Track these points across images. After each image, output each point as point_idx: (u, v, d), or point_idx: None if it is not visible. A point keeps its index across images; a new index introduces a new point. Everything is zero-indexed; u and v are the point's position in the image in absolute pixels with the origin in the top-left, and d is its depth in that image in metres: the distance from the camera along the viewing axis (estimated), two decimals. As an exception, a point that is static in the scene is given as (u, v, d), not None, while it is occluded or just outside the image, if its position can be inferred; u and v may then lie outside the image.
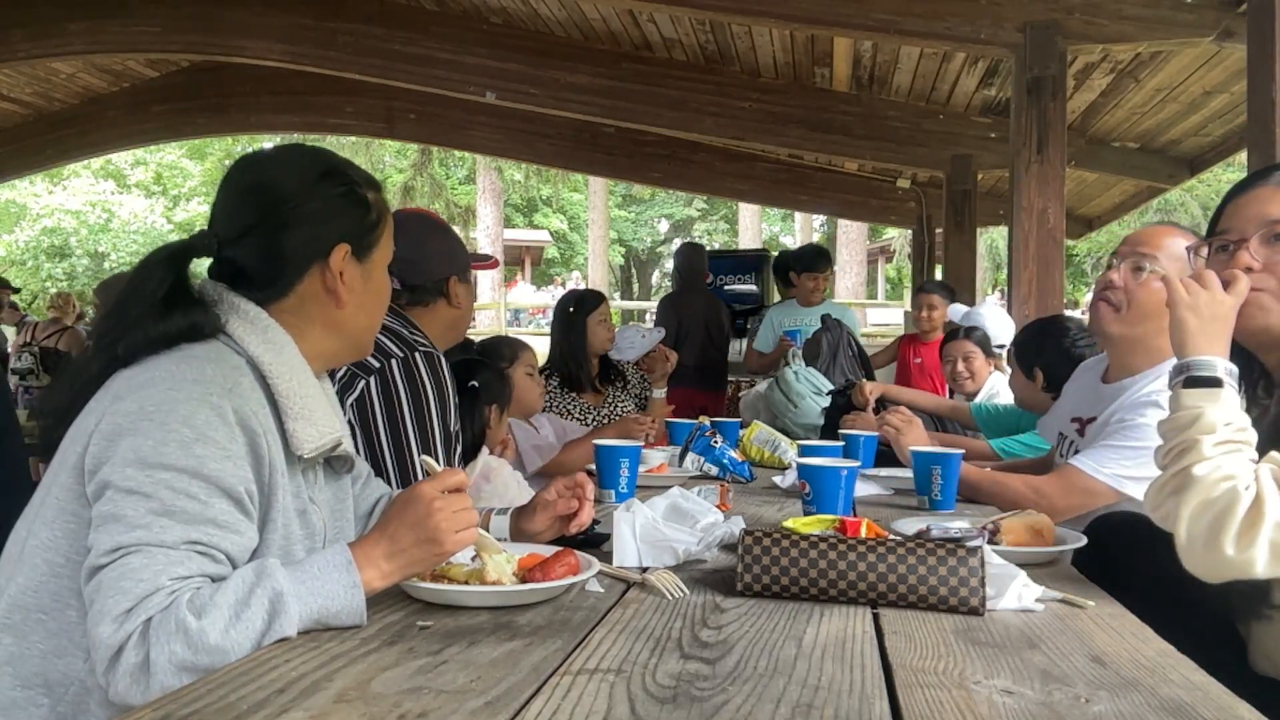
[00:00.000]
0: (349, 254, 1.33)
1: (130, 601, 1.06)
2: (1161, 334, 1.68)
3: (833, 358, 4.41)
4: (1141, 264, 2.03)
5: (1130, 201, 7.86)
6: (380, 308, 1.43)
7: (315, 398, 1.28)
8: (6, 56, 6.29)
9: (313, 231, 1.32)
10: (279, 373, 1.25)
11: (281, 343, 1.28)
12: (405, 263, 2.11)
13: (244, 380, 1.21)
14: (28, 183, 19.39)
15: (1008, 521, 1.63)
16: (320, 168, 1.37)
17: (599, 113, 6.56)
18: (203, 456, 1.13)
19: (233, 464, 1.15)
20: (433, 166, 20.03)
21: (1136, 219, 17.88)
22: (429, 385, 2.00)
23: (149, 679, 1.03)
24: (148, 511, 1.10)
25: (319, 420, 1.27)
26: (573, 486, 1.57)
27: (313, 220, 1.32)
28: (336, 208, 1.34)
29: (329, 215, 1.33)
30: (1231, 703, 0.96)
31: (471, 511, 1.22)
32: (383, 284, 1.42)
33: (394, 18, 6.16)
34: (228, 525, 1.14)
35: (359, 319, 1.38)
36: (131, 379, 1.19)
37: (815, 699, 0.92)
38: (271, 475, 1.21)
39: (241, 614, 1.06)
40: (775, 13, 4.57)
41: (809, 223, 22.98)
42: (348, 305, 1.34)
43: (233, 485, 1.15)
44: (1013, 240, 4.17)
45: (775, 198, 9.40)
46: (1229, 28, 3.75)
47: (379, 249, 1.39)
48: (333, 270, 1.32)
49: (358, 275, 1.35)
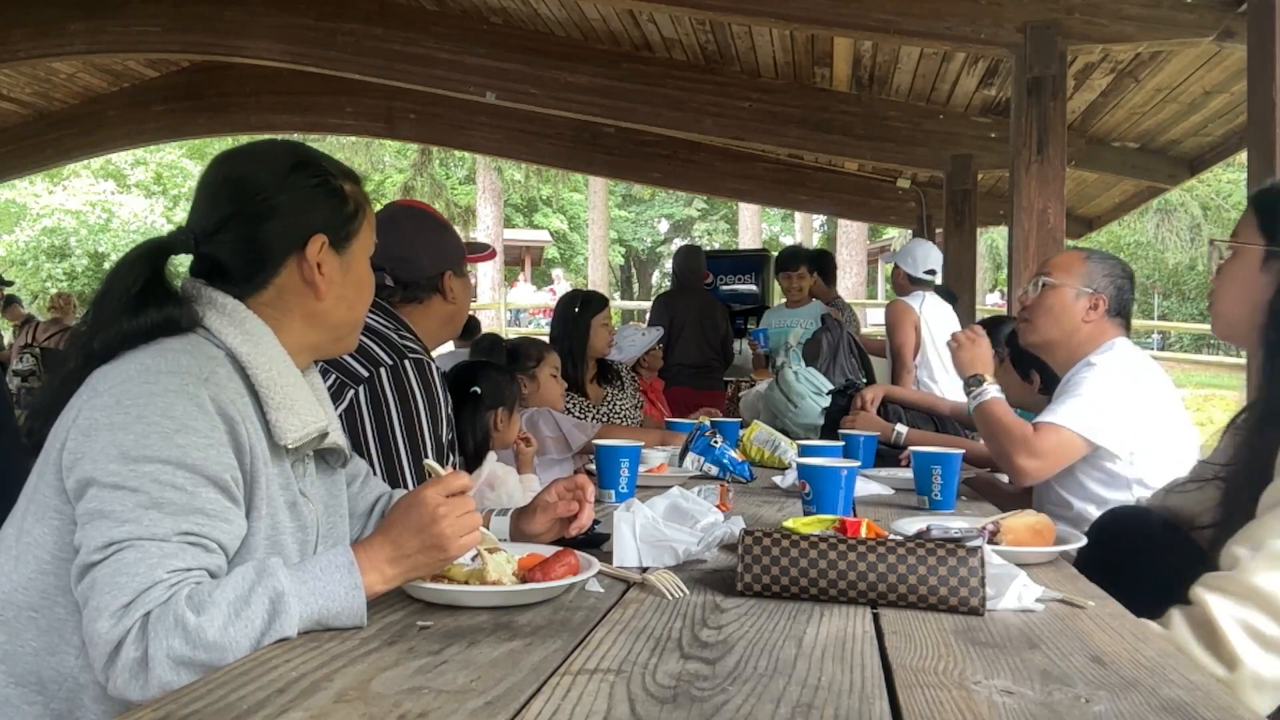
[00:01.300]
0: (326, 245, 1.33)
1: (128, 596, 1.05)
2: (1072, 332, 2.34)
3: (833, 358, 4.41)
4: (1038, 282, 2.42)
5: (1130, 201, 7.86)
6: (362, 299, 1.41)
7: (297, 388, 1.28)
8: (6, 56, 6.28)
9: (287, 223, 1.31)
10: (258, 363, 1.24)
11: (260, 334, 1.27)
12: (398, 260, 2.11)
13: (220, 370, 1.21)
14: (28, 183, 19.36)
15: (1008, 521, 1.63)
16: (292, 160, 1.36)
17: (599, 113, 6.56)
18: (185, 446, 1.13)
19: (216, 452, 1.15)
20: (433, 166, 20.02)
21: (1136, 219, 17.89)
22: (419, 394, 1.98)
23: (148, 674, 1.03)
24: (136, 505, 1.10)
25: (301, 410, 1.27)
26: (573, 489, 1.56)
27: (286, 212, 1.32)
28: (310, 199, 1.34)
29: (303, 207, 1.33)
30: (1231, 703, 0.96)
31: (475, 515, 1.21)
32: (364, 275, 1.40)
33: (394, 18, 6.16)
34: (216, 514, 1.14)
35: (340, 311, 1.36)
36: (107, 374, 1.19)
37: (815, 699, 0.92)
38: (254, 463, 1.20)
39: (241, 611, 1.05)
40: (775, 13, 4.56)
41: (809, 223, 22.96)
42: (327, 297, 1.33)
43: (218, 473, 1.15)
44: (1013, 240, 4.17)
45: (775, 198, 9.40)
46: (1229, 28, 3.75)
47: (358, 240, 1.38)
48: (310, 262, 1.31)
49: (336, 267, 1.34)
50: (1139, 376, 2.26)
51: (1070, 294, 2.36)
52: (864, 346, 4.69)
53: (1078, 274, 2.37)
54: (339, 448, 1.39)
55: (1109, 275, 2.37)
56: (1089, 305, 2.35)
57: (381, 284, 2.10)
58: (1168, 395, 2.29)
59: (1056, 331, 2.39)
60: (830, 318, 4.65)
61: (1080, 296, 2.35)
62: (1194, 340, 19.76)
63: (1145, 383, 2.26)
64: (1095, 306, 2.35)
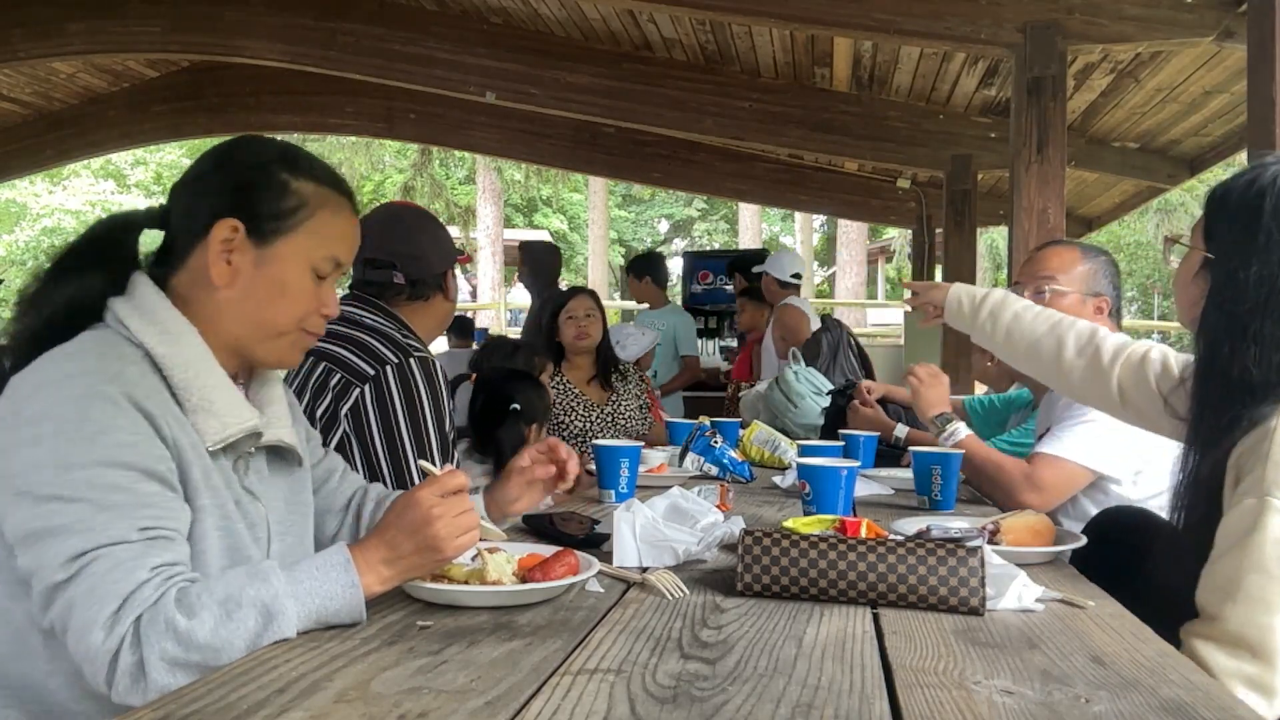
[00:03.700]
0: (242, 234, 1.26)
1: (114, 604, 1.04)
2: None
3: (833, 358, 4.41)
4: (1042, 288, 2.27)
5: (1130, 201, 7.85)
6: (277, 305, 1.29)
7: (218, 389, 1.23)
8: (6, 56, 6.27)
9: (210, 202, 1.27)
10: (173, 363, 1.21)
11: (178, 331, 1.23)
12: (407, 257, 2.12)
13: (130, 369, 1.17)
14: (28, 183, 19.34)
15: (1008, 521, 1.63)
16: (253, 146, 1.34)
17: (599, 113, 6.56)
18: (111, 446, 1.10)
19: (144, 445, 1.13)
20: (433, 166, 20.01)
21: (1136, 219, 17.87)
22: (424, 392, 1.99)
23: (146, 679, 1.03)
24: (83, 514, 1.07)
25: (221, 411, 1.22)
26: (546, 450, 1.53)
27: (212, 191, 1.29)
28: (240, 182, 1.29)
29: (228, 187, 1.28)
30: (1231, 703, 0.96)
31: (472, 514, 1.20)
32: (289, 279, 1.29)
33: (394, 18, 6.16)
34: (164, 504, 1.13)
35: (246, 308, 1.27)
36: (18, 388, 1.16)
37: (815, 699, 0.92)
38: (182, 455, 1.18)
39: (233, 613, 1.05)
40: (775, 13, 4.56)
41: (809, 223, 22.96)
42: (229, 288, 1.26)
43: (152, 465, 1.13)
44: (1013, 240, 4.17)
45: (775, 198, 9.38)
46: (1229, 28, 3.75)
47: (289, 241, 1.29)
48: (213, 243, 1.25)
49: (249, 259, 1.27)
50: None
51: (1076, 300, 2.26)
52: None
53: (1079, 276, 2.28)
54: (288, 446, 1.35)
55: (1108, 275, 2.30)
56: (1094, 310, 2.25)
57: (390, 282, 2.12)
58: None
59: None
60: (829, 318, 4.65)
61: (1085, 301, 2.26)
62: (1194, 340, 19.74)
63: None
64: (1101, 310, 2.26)
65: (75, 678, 1.12)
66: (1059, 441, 2.14)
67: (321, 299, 1.33)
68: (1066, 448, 2.12)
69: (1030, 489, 2.11)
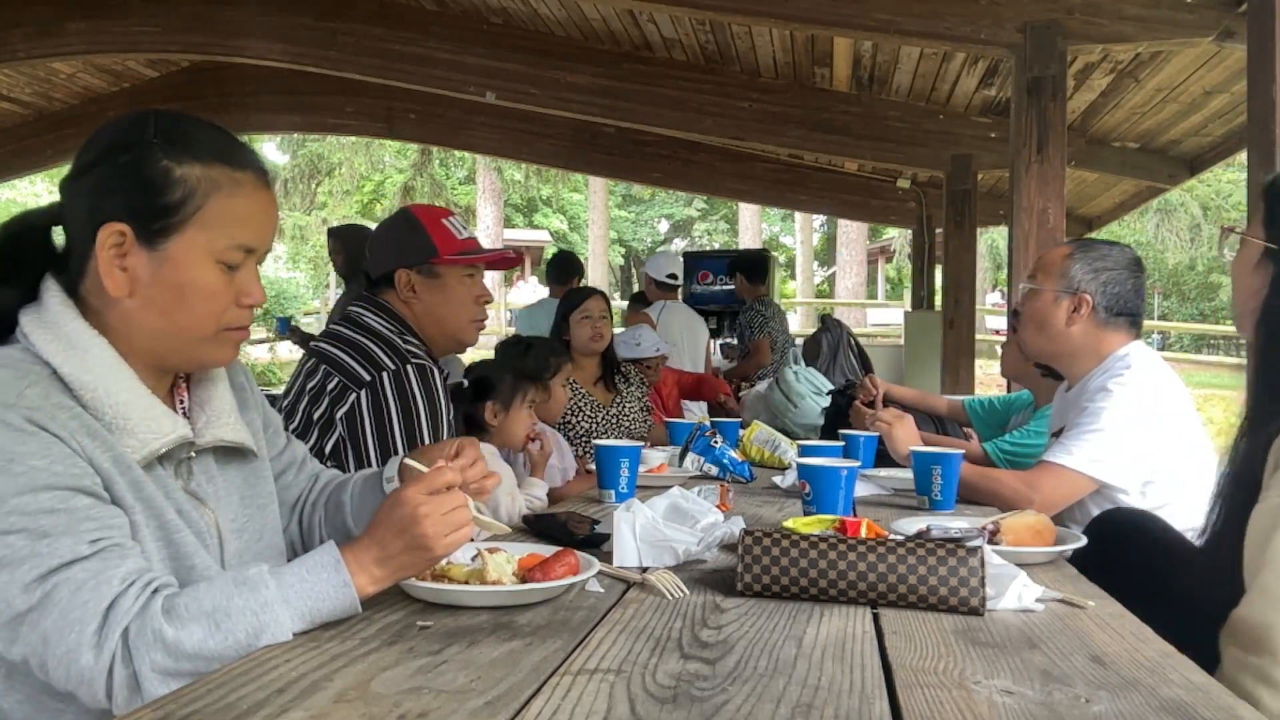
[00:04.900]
0: (131, 238, 1.14)
1: (95, 620, 1.02)
2: (1061, 340, 2.21)
3: (833, 358, 4.42)
4: (1023, 287, 2.32)
5: (1130, 201, 7.86)
6: (184, 312, 1.17)
7: (133, 404, 1.15)
8: (6, 56, 6.27)
9: (88, 203, 1.16)
10: (81, 382, 1.12)
11: (86, 345, 1.14)
12: (371, 255, 2.20)
13: (31, 391, 1.08)
14: (28, 183, 19.37)
15: (1008, 521, 1.63)
16: (130, 128, 1.17)
17: (599, 113, 6.55)
18: (26, 472, 1.04)
19: (62, 464, 1.06)
20: (433, 166, 20.04)
21: (1136, 219, 17.88)
22: (420, 399, 1.99)
23: (141, 693, 1.02)
24: (24, 544, 1.02)
25: (137, 428, 1.14)
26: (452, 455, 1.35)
27: (90, 192, 1.16)
28: (116, 178, 1.15)
29: (106, 187, 1.15)
30: (1231, 703, 0.96)
31: (463, 510, 1.18)
32: (191, 280, 1.16)
33: (394, 18, 6.16)
34: (102, 517, 1.07)
35: (150, 317, 1.16)
36: None
37: (815, 699, 0.92)
38: (101, 470, 1.10)
39: (221, 624, 1.03)
40: (775, 13, 4.56)
41: (809, 223, 22.97)
42: (126, 297, 1.15)
43: (75, 482, 1.07)
44: (1013, 240, 4.17)
45: (775, 198, 9.39)
46: (1229, 28, 3.74)
47: (182, 239, 1.15)
48: (101, 251, 1.13)
49: (142, 263, 1.14)
50: (1158, 406, 2.11)
51: (1049, 299, 2.21)
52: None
53: (1056, 274, 2.20)
54: (230, 444, 1.27)
55: (1095, 271, 2.18)
56: (1070, 308, 2.18)
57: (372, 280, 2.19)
58: (1186, 419, 2.15)
59: (1044, 342, 2.25)
60: (829, 318, 4.65)
61: (1059, 300, 2.19)
62: (1194, 340, 19.79)
63: (1164, 409, 2.12)
64: (1078, 309, 2.18)
65: (35, 694, 1.10)
66: (1067, 452, 2.10)
67: (239, 289, 1.20)
68: (1074, 458, 2.08)
69: (1033, 495, 2.08)
